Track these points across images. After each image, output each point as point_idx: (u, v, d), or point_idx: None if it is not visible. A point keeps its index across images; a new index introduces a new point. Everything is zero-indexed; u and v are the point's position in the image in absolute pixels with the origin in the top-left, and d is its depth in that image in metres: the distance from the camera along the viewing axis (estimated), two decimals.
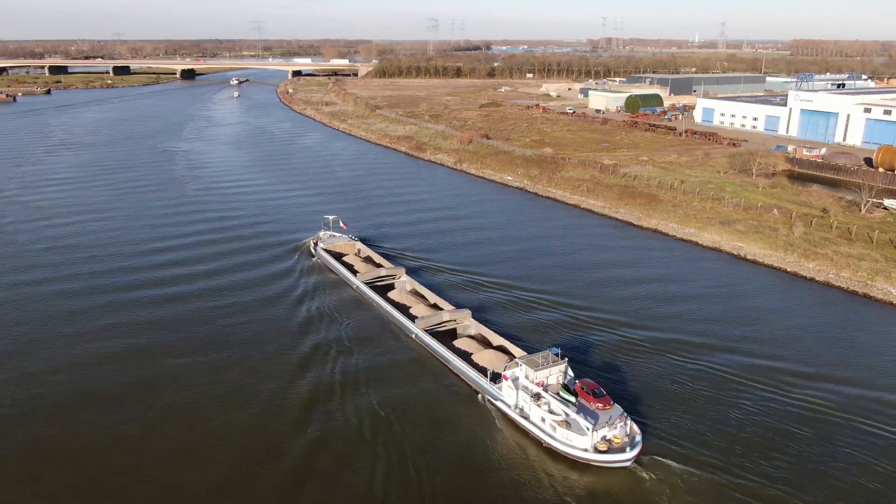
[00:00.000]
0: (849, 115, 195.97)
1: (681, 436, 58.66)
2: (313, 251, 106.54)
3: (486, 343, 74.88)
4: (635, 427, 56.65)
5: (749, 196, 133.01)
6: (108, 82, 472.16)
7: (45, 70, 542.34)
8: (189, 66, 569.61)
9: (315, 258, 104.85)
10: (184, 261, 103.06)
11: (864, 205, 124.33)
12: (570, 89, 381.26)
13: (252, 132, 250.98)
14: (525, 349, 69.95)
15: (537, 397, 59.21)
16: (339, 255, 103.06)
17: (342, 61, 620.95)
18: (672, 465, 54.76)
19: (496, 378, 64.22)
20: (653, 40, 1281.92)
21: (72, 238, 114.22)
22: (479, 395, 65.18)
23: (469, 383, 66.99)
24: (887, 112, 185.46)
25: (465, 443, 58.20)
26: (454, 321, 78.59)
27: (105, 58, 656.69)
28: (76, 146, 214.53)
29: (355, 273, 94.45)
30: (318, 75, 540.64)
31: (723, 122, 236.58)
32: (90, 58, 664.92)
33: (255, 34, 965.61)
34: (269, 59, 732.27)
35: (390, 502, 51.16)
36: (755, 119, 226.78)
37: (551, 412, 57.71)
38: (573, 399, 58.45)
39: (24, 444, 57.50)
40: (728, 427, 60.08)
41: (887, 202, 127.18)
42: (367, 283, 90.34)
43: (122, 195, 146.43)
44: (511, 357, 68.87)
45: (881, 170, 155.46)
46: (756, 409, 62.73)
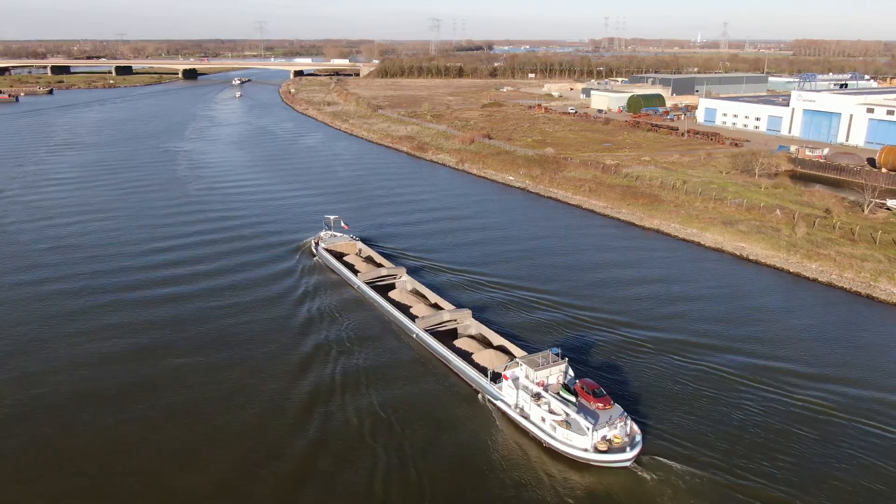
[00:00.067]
0: (851, 116, 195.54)
1: (682, 436, 58.49)
2: (314, 251, 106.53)
3: (486, 343, 74.80)
4: (635, 427, 56.55)
5: (751, 196, 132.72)
6: (111, 82, 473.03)
7: (48, 70, 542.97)
8: (191, 66, 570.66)
9: (316, 258, 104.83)
10: (185, 261, 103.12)
11: (867, 205, 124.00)
12: (572, 89, 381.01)
13: (254, 132, 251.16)
14: (525, 349, 69.88)
15: (537, 397, 59.12)
16: (340, 255, 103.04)
17: (342, 61, 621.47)
18: (673, 465, 54.60)
19: (496, 378, 64.14)
20: (655, 40, 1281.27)
21: (73, 238, 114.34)
22: (479, 395, 65.09)
23: (469, 383, 66.91)
24: (890, 112, 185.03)
25: (466, 442, 58.12)
26: (455, 321, 78.54)
27: (107, 58, 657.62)
28: (78, 146, 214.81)
29: (356, 273, 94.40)
30: (320, 75, 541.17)
31: (725, 123, 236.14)
32: (92, 58, 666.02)
33: (257, 34, 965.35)
34: (272, 59, 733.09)
35: (390, 502, 51.11)
36: (757, 119, 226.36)
37: (551, 412, 57.61)
38: (573, 399, 58.37)
39: (24, 444, 57.49)
40: (730, 427, 59.90)
41: (890, 202, 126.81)
42: (367, 283, 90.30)
43: (124, 195, 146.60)
44: (511, 357, 68.80)
45: (884, 170, 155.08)
46: (758, 410, 62.55)
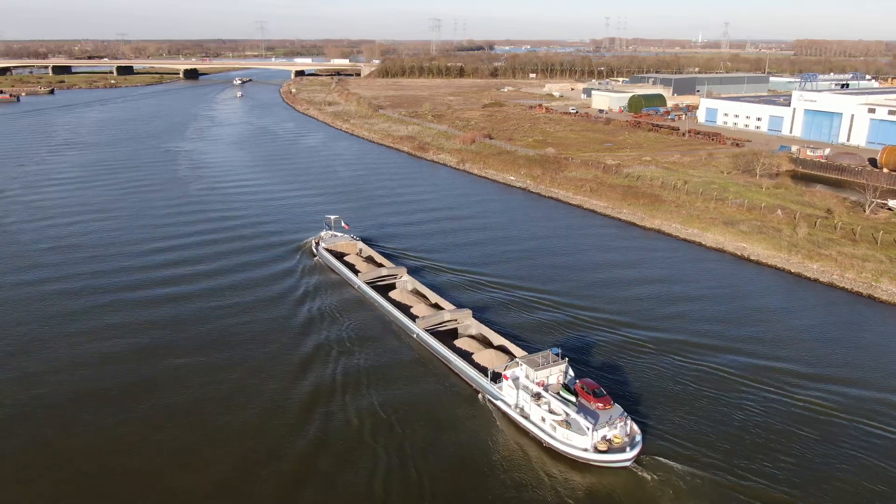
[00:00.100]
0: (853, 116, 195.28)
1: (682, 436, 58.37)
2: (315, 251, 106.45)
3: (486, 343, 74.71)
4: (635, 427, 56.46)
5: (753, 196, 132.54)
6: (112, 82, 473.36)
7: (49, 70, 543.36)
8: (192, 66, 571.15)
9: (317, 258, 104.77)
10: (186, 260, 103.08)
11: (869, 205, 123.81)
12: (573, 89, 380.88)
13: (255, 132, 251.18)
14: (526, 349, 69.79)
15: (538, 397, 59.07)
16: (340, 255, 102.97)
17: (342, 61, 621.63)
18: (674, 465, 54.48)
19: (497, 378, 64.07)
20: (656, 40, 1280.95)
21: (74, 238, 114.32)
22: (479, 395, 65.02)
23: (470, 383, 66.83)
24: (892, 112, 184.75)
25: (466, 442, 58.04)
26: (455, 321, 78.47)
27: (109, 58, 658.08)
28: (79, 146, 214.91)
29: (357, 273, 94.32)
30: (321, 75, 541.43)
31: (726, 123, 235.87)
32: (94, 58, 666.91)
33: (258, 34, 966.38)
34: (272, 59, 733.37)
35: (391, 502, 51.05)
36: (759, 119, 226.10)
37: (551, 412, 57.55)
38: (573, 399, 58.30)
39: (25, 444, 57.44)
40: (730, 428, 59.77)
41: (892, 203, 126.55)
42: (368, 283, 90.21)
43: (125, 195, 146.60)
44: (512, 357, 68.72)
45: (885, 170, 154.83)
46: (759, 410, 62.41)
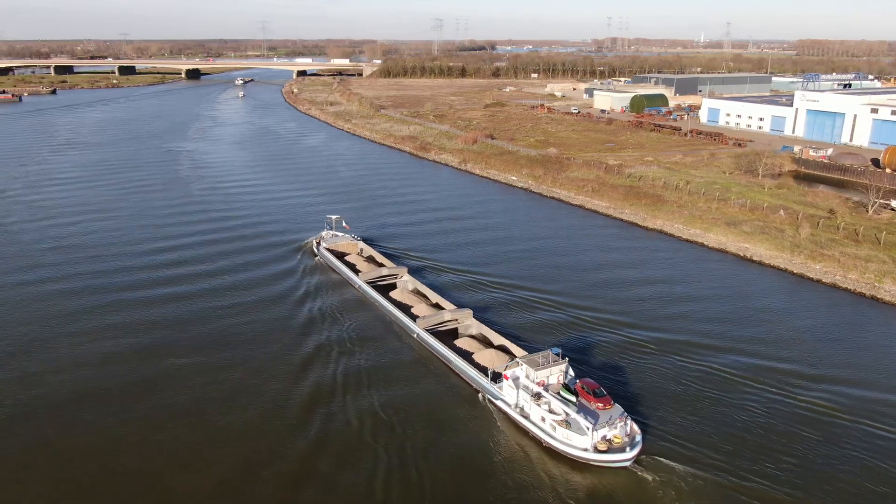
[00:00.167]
0: (855, 116, 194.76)
1: (684, 437, 58.12)
2: (316, 251, 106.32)
3: (487, 343, 74.54)
4: (635, 427, 56.30)
5: (755, 197, 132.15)
6: (114, 82, 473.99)
7: (51, 70, 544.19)
8: (194, 66, 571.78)
9: (317, 258, 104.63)
10: (187, 260, 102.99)
11: (872, 206, 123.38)
12: (574, 89, 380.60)
13: (257, 132, 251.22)
14: (526, 349, 69.63)
15: (538, 397, 58.94)
16: (341, 255, 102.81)
17: (343, 61, 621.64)
18: (674, 466, 54.24)
19: (497, 377, 63.94)
20: (658, 40, 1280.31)
21: (75, 238, 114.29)
22: (479, 395, 64.86)
23: (470, 383, 66.66)
24: (894, 112, 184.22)
25: (466, 442, 57.87)
26: (456, 321, 78.31)
27: (112, 58, 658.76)
28: (81, 146, 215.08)
29: (357, 273, 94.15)
30: (323, 75, 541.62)
31: (728, 123, 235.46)
32: (96, 58, 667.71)
33: (259, 34, 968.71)
34: (274, 59, 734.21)
35: (391, 502, 50.89)
36: (761, 119, 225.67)
37: (551, 412, 57.41)
38: (573, 399, 58.12)
39: (25, 444, 57.32)
40: (732, 429, 59.50)
41: (895, 203, 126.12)
42: (369, 283, 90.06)
43: (127, 195, 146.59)
44: (512, 357, 68.56)
45: (888, 170, 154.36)
46: (761, 411, 62.11)
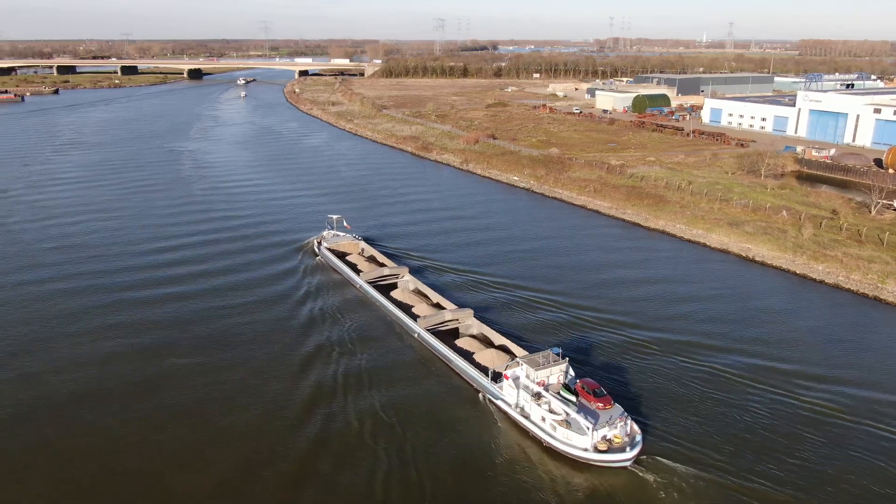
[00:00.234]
0: (858, 116, 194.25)
1: (686, 437, 57.88)
2: (317, 250, 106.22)
3: (487, 342, 74.40)
4: (636, 427, 56.13)
5: (757, 197, 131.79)
6: (116, 82, 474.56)
7: (54, 70, 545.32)
8: (196, 66, 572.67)
9: (318, 257, 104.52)
10: (188, 260, 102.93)
11: (874, 206, 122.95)
12: (576, 89, 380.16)
13: (258, 132, 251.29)
14: (527, 349, 69.53)
15: (538, 396, 58.82)
16: (342, 255, 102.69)
17: (343, 61, 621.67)
18: (676, 466, 54.00)
19: (497, 377, 63.83)
20: (660, 40, 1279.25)
21: (77, 237, 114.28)
22: (480, 395, 64.72)
23: (470, 382, 66.52)
24: None
25: (466, 442, 57.72)
26: (456, 321, 78.16)
27: (116, 58, 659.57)
28: (83, 146, 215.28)
29: (358, 272, 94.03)
30: (325, 75, 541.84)
31: (731, 123, 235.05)
32: (98, 58, 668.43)
33: (261, 34, 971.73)
34: (276, 59, 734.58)
35: (391, 502, 50.76)
36: (763, 119, 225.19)
37: (552, 411, 57.28)
38: (574, 398, 57.99)
39: (26, 444, 57.21)
40: (734, 429, 59.24)
41: None
42: (370, 283, 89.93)
43: (129, 195, 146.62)
44: (512, 357, 68.41)
45: (891, 171, 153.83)
46: (764, 412, 61.84)
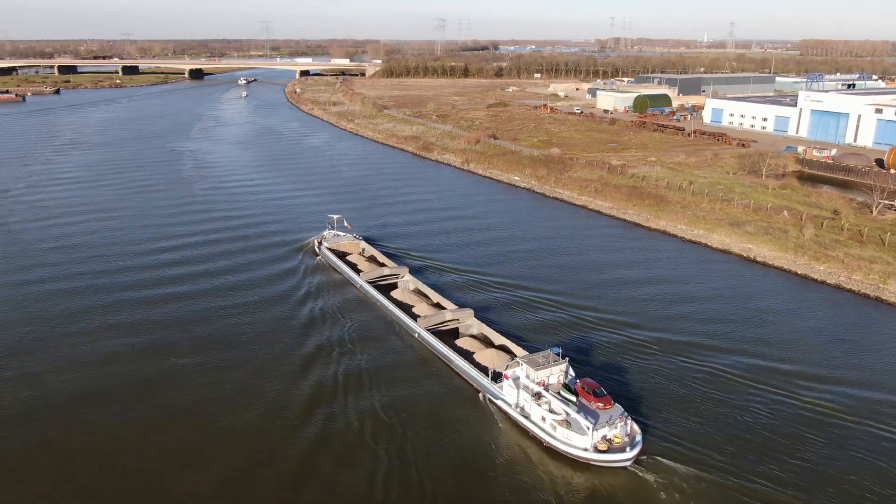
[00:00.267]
0: (860, 116, 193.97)
1: (687, 438, 57.75)
2: (317, 250, 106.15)
3: (488, 342, 74.32)
4: (636, 427, 56.07)
5: (759, 197, 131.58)
6: (117, 82, 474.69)
7: (55, 70, 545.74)
8: (198, 66, 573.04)
9: (319, 257, 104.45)
10: (189, 260, 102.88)
11: (876, 206, 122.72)
12: (577, 89, 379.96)
13: (260, 132, 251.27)
14: (527, 349, 69.46)
15: (538, 396, 58.76)
16: (343, 255, 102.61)
17: (343, 61, 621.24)
18: (676, 466, 53.88)
19: (497, 377, 63.77)
20: (661, 40, 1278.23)
21: (78, 237, 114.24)
22: (480, 395, 64.63)
23: (470, 382, 66.45)
24: None
25: (466, 442, 57.64)
26: (457, 320, 78.08)
27: (118, 58, 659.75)
28: (84, 146, 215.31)
29: (359, 272, 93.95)
30: (326, 75, 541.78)
31: (732, 123, 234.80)
32: (99, 58, 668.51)
33: (262, 34, 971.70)
34: (277, 59, 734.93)
35: (392, 502, 50.68)
36: (765, 119, 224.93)
37: (552, 411, 57.22)
38: (574, 398, 57.92)
39: (26, 443, 57.16)
40: (735, 430, 59.10)
41: None
42: (370, 283, 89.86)
43: (130, 195, 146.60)
44: (513, 356, 68.32)
45: (892, 171, 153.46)
46: (765, 412, 61.69)
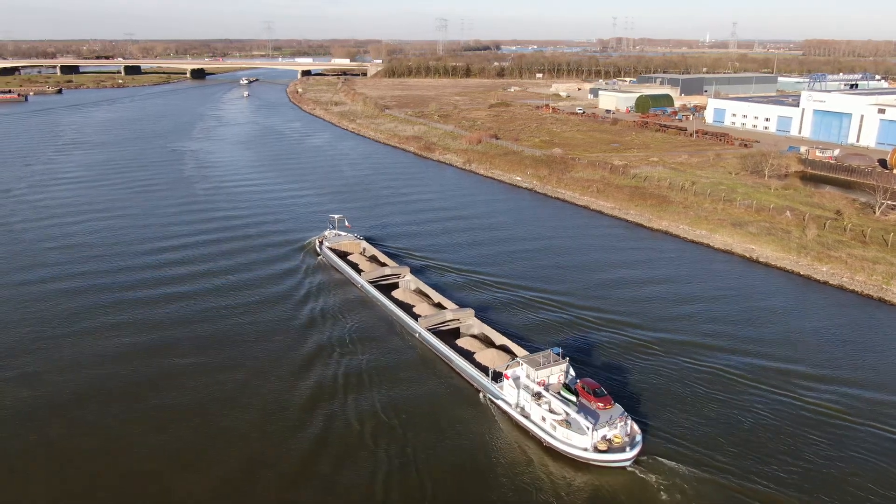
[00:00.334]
0: (862, 116, 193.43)
1: (688, 438, 57.52)
2: (319, 250, 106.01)
3: (488, 342, 74.17)
4: (636, 427, 55.94)
5: (761, 198, 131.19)
6: (119, 82, 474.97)
7: (57, 70, 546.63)
8: (200, 66, 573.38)
9: (320, 257, 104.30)
10: (190, 260, 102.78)
11: (879, 207, 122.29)
12: (579, 89, 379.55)
13: (261, 132, 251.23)
14: (528, 349, 69.33)
15: (538, 396, 58.61)
16: (344, 254, 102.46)
17: (343, 61, 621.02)
18: (677, 467, 53.66)
19: (498, 377, 63.63)
20: (663, 40, 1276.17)
21: (79, 237, 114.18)
22: (480, 394, 64.47)
23: (471, 382, 66.29)
24: None
25: (466, 442, 57.50)
26: (457, 320, 77.95)
27: (121, 58, 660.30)
28: (86, 145, 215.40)
29: (360, 272, 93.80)
30: (328, 75, 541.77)
31: (734, 123, 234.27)
32: (102, 57, 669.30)
33: (264, 34, 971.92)
34: (279, 59, 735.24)
35: (392, 502, 50.54)
36: (767, 120, 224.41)
37: (552, 411, 57.08)
38: (574, 398, 57.75)
39: (28, 443, 57.07)
40: (737, 430, 58.83)
41: None
42: (371, 283, 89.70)
43: (131, 195, 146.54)
44: (513, 356, 68.14)
45: (895, 171, 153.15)
46: (767, 413, 61.41)
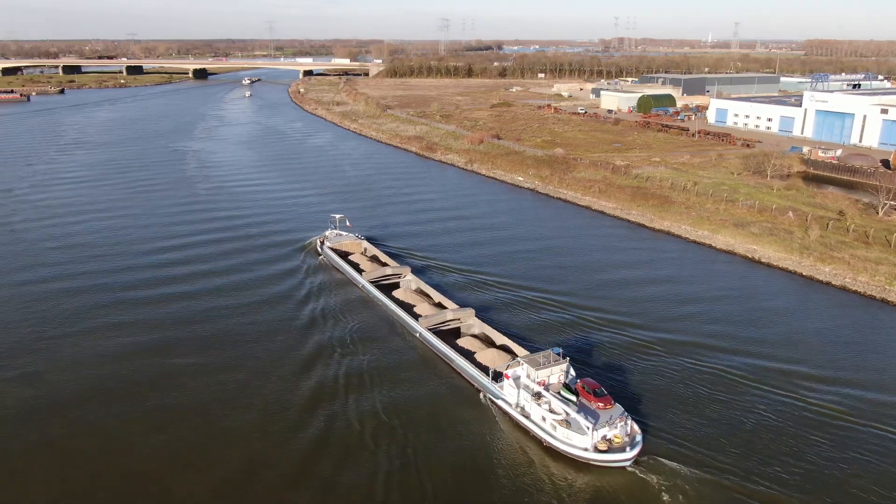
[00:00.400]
0: (865, 116, 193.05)
1: (689, 439, 57.35)
2: (320, 250, 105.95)
3: (489, 342, 74.10)
4: (636, 427, 55.86)
5: (763, 198, 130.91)
6: (121, 82, 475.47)
7: (59, 70, 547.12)
8: (202, 66, 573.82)
9: (321, 257, 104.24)
10: (192, 260, 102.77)
11: (882, 207, 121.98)
12: (581, 89, 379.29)
13: (263, 132, 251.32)
14: (528, 349, 69.25)
15: (538, 396, 58.52)
16: (345, 254, 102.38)
17: (344, 60, 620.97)
18: (678, 467, 53.50)
19: (498, 377, 63.54)
20: (665, 40, 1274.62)
21: (81, 237, 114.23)
22: (480, 394, 64.39)
23: (471, 382, 66.22)
24: None
25: (467, 442, 57.42)
26: (458, 320, 77.90)
27: (126, 57, 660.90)
28: (88, 145, 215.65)
29: (361, 272, 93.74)
30: (330, 75, 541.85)
31: (736, 123, 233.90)
32: (104, 57, 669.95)
33: (266, 34, 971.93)
34: (281, 59, 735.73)
35: (392, 501, 50.45)
36: (769, 120, 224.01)
37: (552, 411, 56.98)
38: (574, 398, 57.66)
39: (28, 443, 57.05)
40: (739, 431, 58.64)
41: None
42: (372, 282, 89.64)
43: (133, 194, 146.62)
44: (514, 356, 68.01)
45: None
46: (769, 414, 61.22)
